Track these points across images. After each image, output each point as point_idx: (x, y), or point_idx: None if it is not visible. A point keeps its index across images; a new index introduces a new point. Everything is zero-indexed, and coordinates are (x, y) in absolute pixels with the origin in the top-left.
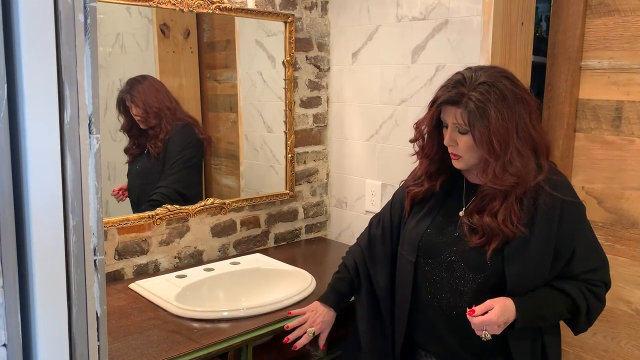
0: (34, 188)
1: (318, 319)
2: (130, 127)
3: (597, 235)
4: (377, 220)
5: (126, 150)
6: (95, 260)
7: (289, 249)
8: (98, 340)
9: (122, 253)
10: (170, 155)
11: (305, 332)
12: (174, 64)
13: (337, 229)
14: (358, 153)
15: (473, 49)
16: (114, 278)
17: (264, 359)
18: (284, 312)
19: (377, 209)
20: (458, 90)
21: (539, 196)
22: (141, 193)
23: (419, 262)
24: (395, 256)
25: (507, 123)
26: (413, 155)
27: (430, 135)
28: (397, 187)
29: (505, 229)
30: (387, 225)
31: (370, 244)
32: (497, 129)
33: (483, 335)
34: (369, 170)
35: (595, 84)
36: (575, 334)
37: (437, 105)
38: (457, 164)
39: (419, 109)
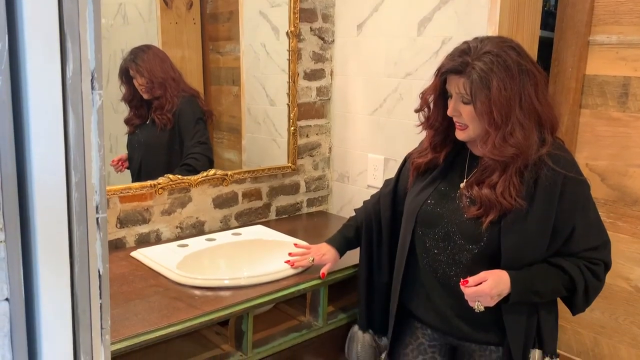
0: (36, 143)
1: (319, 252)
2: (131, 98)
3: (599, 213)
4: (386, 184)
5: (127, 121)
6: (97, 218)
7: (290, 222)
8: (100, 298)
9: (123, 222)
10: (187, 128)
11: (306, 259)
12: (176, 36)
13: (338, 203)
14: (361, 127)
15: (480, 22)
16: (116, 246)
17: (264, 327)
18: (284, 282)
19: (380, 183)
20: (463, 60)
21: (541, 170)
22: (144, 163)
23: (416, 231)
24: (397, 224)
25: (509, 94)
26: (418, 125)
27: (436, 105)
28: (400, 161)
29: (503, 200)
30: (391, 191)
31: (378, 204)
32: (498, 99)
33: (476, 307)
34: (371, 145)
35: (602, 60)
36: (574, 313)
37: (441, 74)
38: (460, 135)
39: (424, 83)
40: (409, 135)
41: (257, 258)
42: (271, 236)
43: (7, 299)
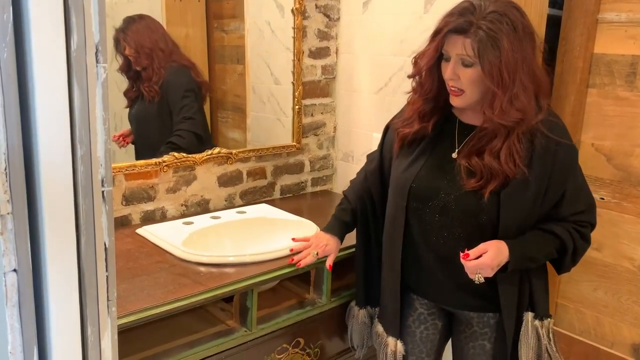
0: (41, 116)
1: (321, 243)
2: (127, 68)
3: (604, 193)
4: (371, 159)
5: (125, 93)
6: (103, 192)
7: (294, 201)
8: (106, 270)
9: (129, 199)
10: (175, 100)
11: (310, 254)
12: (180, 13)
13: (343, 182)
14: (366, 106)
15: None
16: (121, 223)
17: (268, 303)
18: (289, 259)
19: None
20: (466, 19)
21: (535, 137)
22: (138, 138)
23: (410, 206)
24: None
25: (517, 55)
26: (409, 92)
27: (430, 70)
28: None
29: (507, 168)
30: (377, 165)
31: (367, 181)
32: (508, 60)
33: (476, 279)
34: (376, 124)
35: (611, 38)
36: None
37: (443, 35)
38: (456, 101)
39: None
40: None
41: (261, 236)
42: (275, 215)
43: (15, 270)
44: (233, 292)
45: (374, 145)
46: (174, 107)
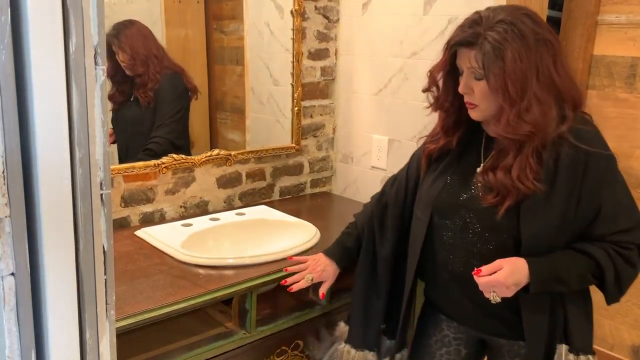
0: (40, 119)
1: (318, 268)
2: (114, 73)
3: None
4: (392, 180)
5: (110, 97)
6: (102, 195)
7: (293, 202)
8: (105, 274)
9: (128, 201)
10: (162, 105)
11: (304, 278)
12: (179, 14)
13: (342, 184)
14: (365, 107)
15: (487, 1)
16: (120, 225)
17: (268, 306)
18: (288, 262)
19: (384, 165)
20: (474, 30)
21: (562, 148)
22: (131, 142)
23: (433, 222)
24: (405, 220)
25: (525, 65)
26: (427, 107)
27: (445, 84)
28: (404, 142)
29: (519, 185)
30: (402, 186)
31: (381, 204)
32: (513, 71)
33: (492, 297)
34: (376, 126)
35: (611, 40)
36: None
37: (450, 47)
38: (473, 114)
39: (430, 62)
40: (413, 116)
41: (260, 238)
42: (275, 216)
43: (12, 274)
44: (232, 294)
45: (373, 147)
46: (159, 112)
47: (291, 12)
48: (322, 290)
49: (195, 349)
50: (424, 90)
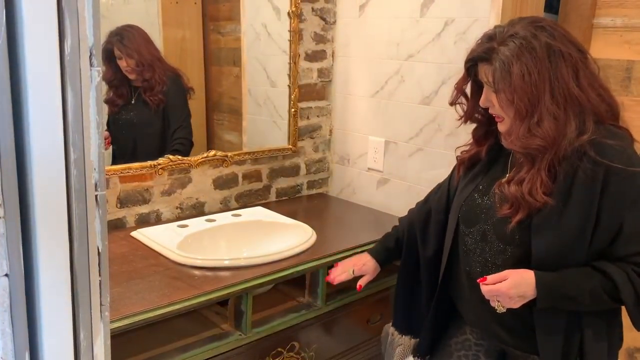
0: (35, 120)
1: (359, 262)
2: (112, 78)
3: None
4: (437, 187)
5: (108, 101)
6: (96, 196)
7: (290, 204)
8: (100, 275)
9: (123, 202)
10: (174, 108)
11: (346, 271)
12: (177, 15)
13: (338, 185)
14: (362, 109)
15: (483, 4)
16: (116, 226)
17: (263, 307)
18: (284, 263)
19: (380, 166)
20: (489, 45)
21: (581, 163)
22: (141, 142)
23: (458, 230)
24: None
25: (534, 80)
26: (458, 119)
27: (472, 96)
28: (400, 144)
29: (529, 198)
30: (444, 193)
31: (424, 210)
32: (520, 87)
33: (497, 306)
34: (372, 127)
35: (606, 43)
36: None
37: (465, 63)
38: (500, 127)
39: (426, 65)
40: (410, 118)
41: (256, 239)
42: (271, 218)
43: (6, 275)
44: (228, 295)
45: (370, 149)
46: (173, 115)
47: (288, 13)
48: (361, 282)
49: (190, 350)
50: (451, 104)
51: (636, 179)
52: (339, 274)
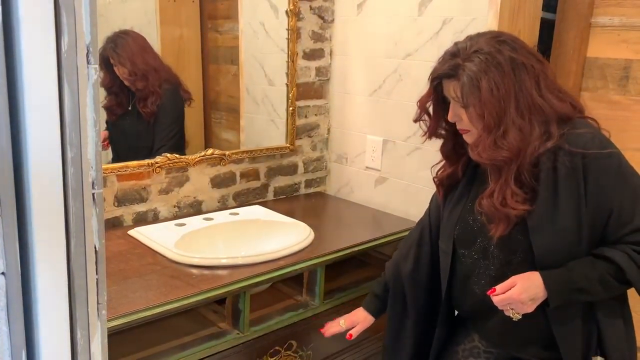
0: (31, 118)
1: (350, 314)
2: (111, 84)
3: None
4: (418, 223)
5: (107, 108)
6: (93, 194)
7: (288, 203)
8: (97, 273)
9: (121, 200)
10: (162, 126)
11: (338, 324)
12: (174, 14)
13: (336, 184)
14: (360, 108)
15: (481, 3)
16: (113, 224)
17: (261, 306)
18: (281, 261)
19: (378, 165)
20: (454, 62)
21: (557, 157)
22: (134, 151)
23: (456, 254)
24: (434, 255)
25: (501, 94)
26: (422, 135)
27: (435, 112)
28: (398, 143)
29: (504, 209)
30: (425, 225)
31: (406, 246)
32: (489, 101)
33: (512, 314)
34: (370, 126)
35: (604, 42)
36: None
37: (432, 80)
38: (467, 138)
39: (424, 64)
40: (408, 117)
41: (254, 238)
42: (269, 216)
43: (3, 273)
44: (225, 294)
45: (367, 147)
46: (159, 132)
47: (286, 12)
48: (352, 331)
49: (188, 349)
50: (415, 120)
51: (613, 158)
52: (331, 327)
